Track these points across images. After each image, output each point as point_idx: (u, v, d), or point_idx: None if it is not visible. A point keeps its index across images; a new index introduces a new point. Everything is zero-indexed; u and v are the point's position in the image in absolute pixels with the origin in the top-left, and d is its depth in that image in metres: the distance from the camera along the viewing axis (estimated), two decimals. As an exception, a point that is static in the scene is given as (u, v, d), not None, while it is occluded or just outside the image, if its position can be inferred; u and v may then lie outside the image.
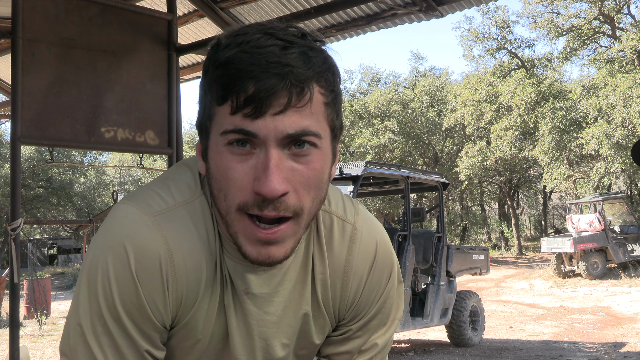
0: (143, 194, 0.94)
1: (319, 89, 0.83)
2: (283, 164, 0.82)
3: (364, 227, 1.03)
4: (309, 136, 0.82)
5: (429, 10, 4.22)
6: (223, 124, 0.83)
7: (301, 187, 0.84)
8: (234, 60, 0.80)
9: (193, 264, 0.91)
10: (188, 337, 0.97)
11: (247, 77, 0.79)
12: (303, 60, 0.81)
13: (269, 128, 0.80)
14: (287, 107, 0.80)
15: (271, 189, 0.80)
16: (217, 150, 0.85)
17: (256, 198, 0.82)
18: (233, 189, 0.83)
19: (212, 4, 5.06)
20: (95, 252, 0.90)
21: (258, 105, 0.79)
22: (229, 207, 0.85)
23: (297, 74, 0.80)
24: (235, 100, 0.80)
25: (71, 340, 0.90)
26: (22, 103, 3.65)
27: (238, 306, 0.97)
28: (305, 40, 0.84)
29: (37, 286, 12.09)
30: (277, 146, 0.81)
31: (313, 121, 0.83)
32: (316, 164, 0.84)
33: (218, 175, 0.85)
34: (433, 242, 7.98)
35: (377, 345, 1.07)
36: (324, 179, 0.87)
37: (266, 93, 0.79)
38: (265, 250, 0.85)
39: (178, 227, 0.90)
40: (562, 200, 36.66)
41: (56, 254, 34.87)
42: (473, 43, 25.90)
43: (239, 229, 0.85)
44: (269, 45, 0.80)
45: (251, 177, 0.82)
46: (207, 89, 0.85)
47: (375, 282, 1.03)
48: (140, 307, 0.89)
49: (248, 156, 0.82)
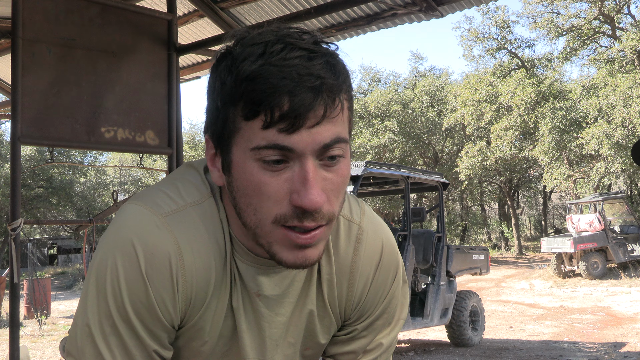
0: (152, 195, 0.93)
1: (345, 97, 0.84)
2: (318, 175, 0.82)
3: (370, 227, 1.03)
4: (341, 143, 0.83)
5: (429, 10, 4.22)
6: (253, 139, 0.81)
7: (332, 194, 0.84)
8: (262, 74, 0.78)
9: (203, 265, 0.91)
10: (196, 338, 0.97)
11: (281, 92, 0.78)
12: (330, 70, 0.81)
13: (305, 142, 0.80)
14: (323, 119, 0.80)
15: (313, 203, 0.80)
16: (244, 165, 0.83)
17: (295, 210, 0.81)
18: (267, 203, 0.83)
19: (212, 4, 5.06)
20: (104, 251, 0.89)
21: (295, 120, 0.78)
22: (261, 221, 0.84)
23: (329, 86, 0.80)
24: (270, 115, 0.78)
25: (79, 341, 0.89)
26: (22, 103, 3.65)
27: (249, 308, 0.97)
28: (320, 47, 0.83)
29: (37, 286, 12.09)
30: (313, 158, 0.81)
31: (343, 128, 0.84)
32: (344, 170, 0.85)
33: (248, 190, 0.84)
34: (433, 242, 7.99)
35: (382, 345, 1.08)
36: (348, 182, 0.89)
37: (304, 109, 0.78)
38: (302, 254, 0.85)
39: (188, 228, 0.90)
40: (562, 200, 36.65)
41: (56, 254, 34.86)
42: (473, 43, 25.91)
43: (274, 239, 0.85)
44: (294, 57, 0.79)
45: (286, 190, 0.82)
46: (229, 102, 0.82)
47: (381, 282, 1.04)
48: (150, 307, 0.88)
49: (282, 171, 0.82)
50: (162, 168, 20.42)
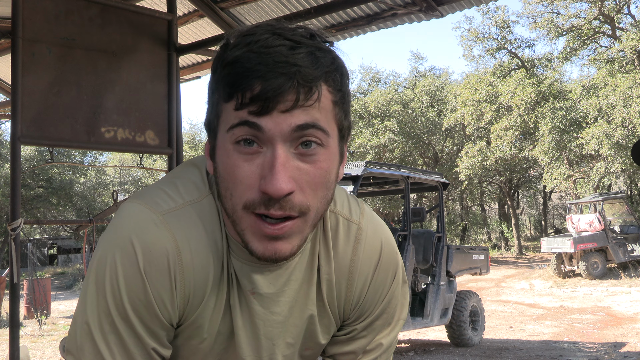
0: (151, 193, 0.94)
1: (327, 88, 0.84)
2: (289, 162, 0.82)
3: (369, 227, 1.03)
4: (317, 130, 0.82)
5: (429, 10, 4.22)
6: (229, 119, 0.83)
7: (307, 186, 0.84)
8: (241, 59, 0.81)
9: (201, 263, 0.91)
10: (194, 336, 0.97)
11: (253, 75, 0.80)
12: (311, 60, 0.81)
13: (275, 122, 0.80)
14: (295, 106, 0.81)
15: (277, 188, 0.80)
16: (224, 148, 0.85)
17: (262, 197, 0.82)
18: (240, 188, 0.84)
19: (212, 4, 5.06)
20: (103, 250, 0.90)
21: (265, 103, 0.80)
22: (235, 206, 0.85)
23: (304, 74, 0.80)
24: (241, 97, 0.81)
25: (78, 339, 0.90)
26: (22, 103, 3.65)
27: (244, 306, 0.97)
28: (313, 40, 0.84)
29: (37, 286, 12.08)
30: (284, 144, 0.81)
31: (321, 117, 0.83)
32: (323, 164, 0.85)
33: (225, 174, 0.85)
34: (433, 242, 7.99)
35: (382, 345, 1.08)
36: (331, 179, 0.87)
37: (273, 93, 0.79)
38: (272, 245, 0.85)
39: (186, 226, 0.91)
40: (562, 200, 36.65)
41: (56, 254, 34.86)
42: (473, 43, 25.91)
43: (246, 226, 0.86)
44: (276, 45, 0.81)
45: (257, 176, 0.82)
46: (215, 87, 0.86)
47: (380, 281, 1.04)
48: (148, 305, 0.89)
49: (255, 155, 0.83)
50: (162, 168, 20.42)
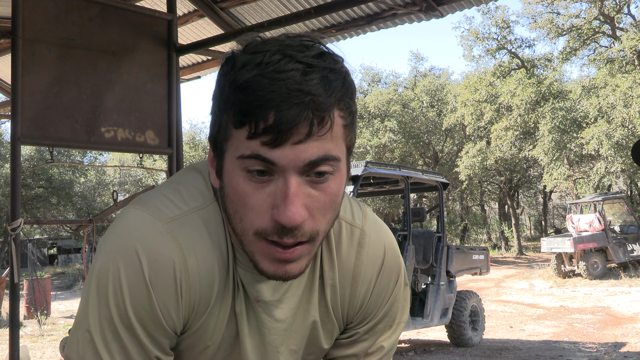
0: (154, 199, 0.92)
1: (339, 113, 0.82)
2: (302, 191, 0.81)
3: (372, 231, 1.03)
4: (330, 161, 0.81)
5: (429, 10, 4.22)
6: (240, 148, 0.81)
7: (318, 212, 0.83)
8: (253, 85, 0.78)
9: (206, 271, 0.90)
10: (197, 343, 0.96)
11: (267, 106, 0.77)
12: (324, 86, 0.79)
13: (288, 158, 0.79)
14: (308, 137, 0.79)
15: (291, 220, 0.79)
16: (233, 173, 0.83)
17: (275, 225, 0.81)
18: (250, 215, 0.83)
19: (212, 4, 5.06)
20: (106, 257, 0.87)
21: (278, 135, 0.78)
22: (246, 230, 0.84)
23: (318, 103, 0.78)
24: (254, 127, 0.78)
25: (80, 347, 0.88)
26: (22, 103, 3.65)
27: (251, 314, 0.96)
28: (324, 61, 0.81)
29: (37, 286, 12.08)
30: (297, 174, 0.80)
31: (333, 146, 0.82)
32: (332, 188, 0.84)
33: (235, 198, 0.84)
34: (433, 242, 7.99)
35: (383, 348, 1.08)
36: (339, 200, 0.87)
37: (287, 125, 0.77)
38: (282, 267, 0.85)
39: (191, 234, 0.89)
40: (562, 200, 36.65)
41: (56, 254, 34.85)
42: (473, 43, 25.90)
43: (256, 250, 0.85)
44: (289, 70, 0.78)
45: (269, 204, 0.81)
46: (223, 107, 0.83)
47: (383, 285, 1.04)
48: (153, 314, 0.87)
49: (266, 183, 0.81)
50: (162, 168, 20.40)
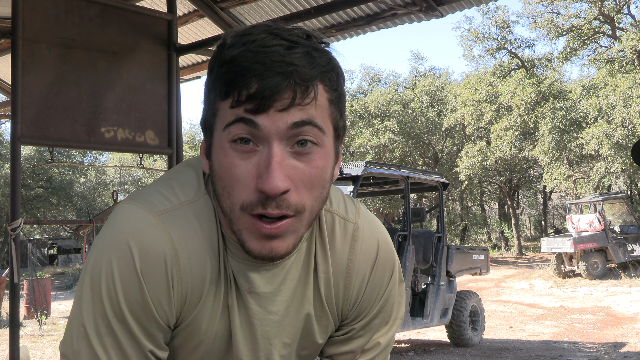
0: (146, 194, 0.94)
1: (323, 87, 0.84)
2: (285, 161, 0.82)
3: (366, 225, 1.03)
4: (313, 128, 0.83)
5: (429, 10, 4.22)
6: (225, 117, 0.84)
7: (302, 185, 0.84)
8: (238, 57, 0.82)
9: (198, 263, 0.91)
10: (191, 337, 0.96)
11: (250, 74, 0.80)
12: (307, 59, 0.82)
13: (272, 121, 0.81)
14: (291, 105, 0.81)
15: (273, 186, 0.80)
16: (220, 147, 0.85)
17: (259, 196, 0.82)
18: (237, 187, 0.84)
19: (212, 4, 5.06)
20: (99, 251, 0.89)
21: (261, 102, 0.80)
22: (233, 205, 0.85)
23: (301, 73, 0.81)
24: (238, 95, 0.81)
25: (74, 342, 0.89)
26: (22, 103, 3.65)
27: (242, 306, 0.96)
28: (310, 41, 0.85)
29: (37, 286, 12.08)
30: (280, 142, 0.82)
31: (318, 115, 0.84)
32: (318, 162, 0.85)
33: (222, 173, 0.85)
34: (433, 242, 7.98)
35: (379, 345, 1.08)
36: (326, 178, 0.88)
37: (270, 91, 0.80)
38: (268, 244, 0.86)
39: (183, 226, 0.90)
40: (562, 200, 36.65)
41: (56, 254, 34.84)
42: (473, 43, 25.91)
43: (243, 226, 0.86)
44: (273, 45, 0.82)
45: (254, 175, 0.83)
46: (212, 86, 0.86)
47: (377, 280, 1.04)
48: (145, 307, 0.88)
49: (251, 154, 0.83)
50: (162, 168, 20.42)
